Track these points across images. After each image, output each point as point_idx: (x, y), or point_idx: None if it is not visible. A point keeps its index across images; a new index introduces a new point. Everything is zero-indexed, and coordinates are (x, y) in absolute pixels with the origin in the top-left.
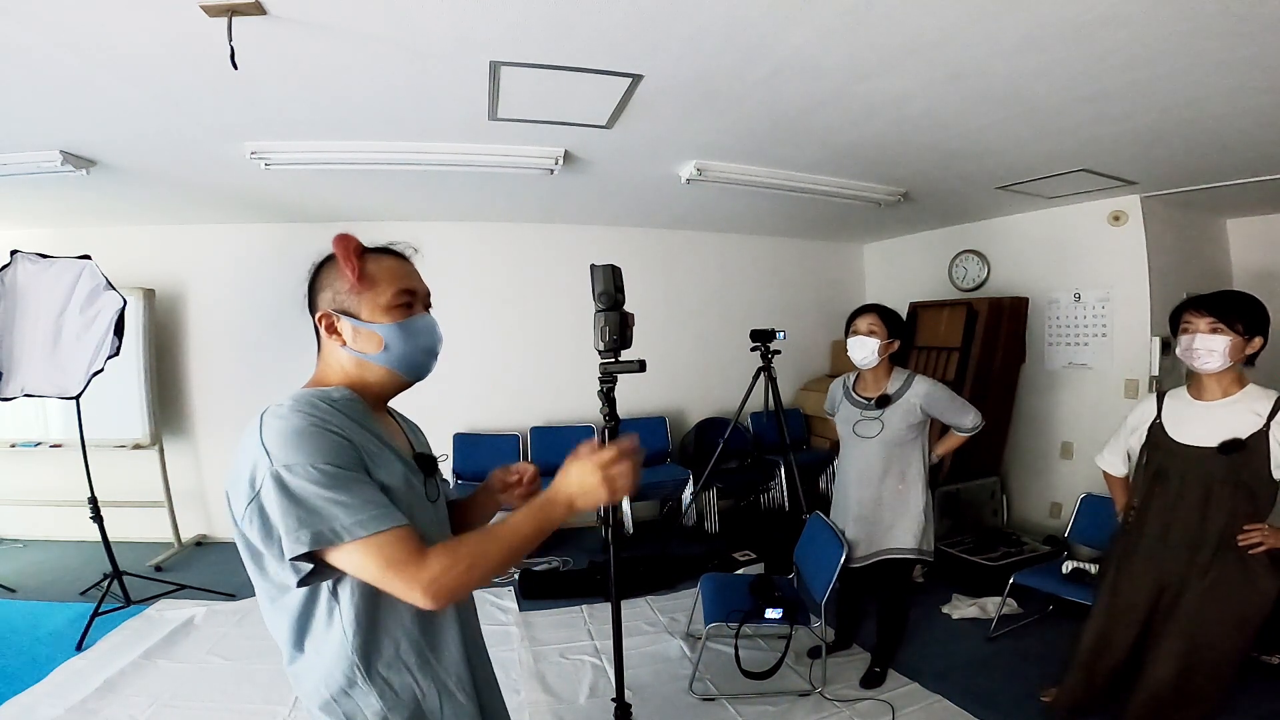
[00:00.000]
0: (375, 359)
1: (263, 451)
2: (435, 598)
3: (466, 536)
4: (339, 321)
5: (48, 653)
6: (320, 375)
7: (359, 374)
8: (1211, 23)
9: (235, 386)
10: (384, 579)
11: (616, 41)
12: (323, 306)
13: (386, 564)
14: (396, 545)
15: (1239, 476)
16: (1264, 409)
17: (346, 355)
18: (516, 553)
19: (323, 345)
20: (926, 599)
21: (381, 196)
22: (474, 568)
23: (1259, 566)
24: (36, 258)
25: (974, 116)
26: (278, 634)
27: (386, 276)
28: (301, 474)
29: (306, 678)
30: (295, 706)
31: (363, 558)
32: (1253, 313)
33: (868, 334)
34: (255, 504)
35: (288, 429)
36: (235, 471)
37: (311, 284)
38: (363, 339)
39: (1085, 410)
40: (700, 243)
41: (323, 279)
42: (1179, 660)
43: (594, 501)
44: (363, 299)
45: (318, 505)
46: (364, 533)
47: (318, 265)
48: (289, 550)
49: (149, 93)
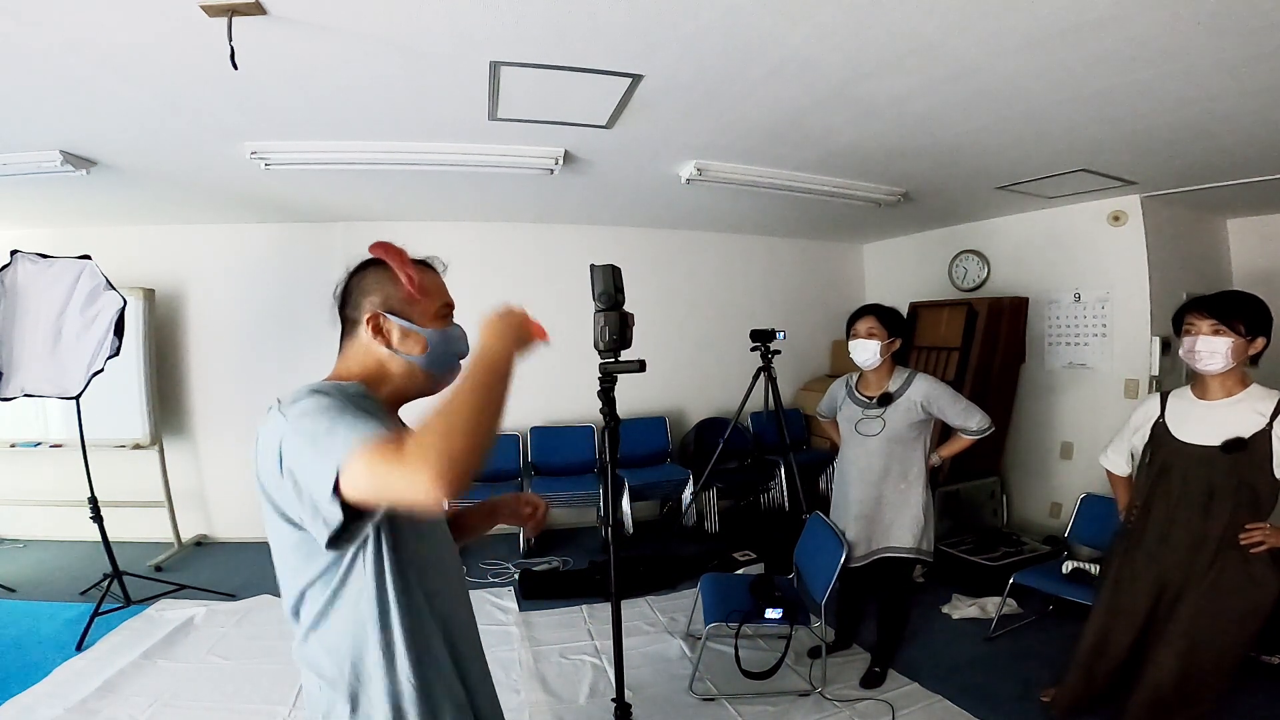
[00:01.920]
0: (417, 360)
1: (282, 419)
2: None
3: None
4: (387, 322)
5: (48, 653)
6: (340, 372)
7: (388, 372)
8: (1211, 23)
9: (235, 386)
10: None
11: (616, 41)
12: (371, 308)
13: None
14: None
15: (1241, 476)
16: (1267, 408)
17: (386, 355)
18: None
19: (353, 343)
20: (926, 599)
21: (381, 196)
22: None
23: (1260, 566)
24: (36, 258)
25: (974, 116)
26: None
27: (435, 288)
28: (315, 420)
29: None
30: (295, 706)
31: (358, 468)
32: (1255, 313)
33: (868, 336)
34: (285, 467)
35: (308, 400)
36: (263, 453)
37: (350, 285)
38: (410, 341)
39: (1085, 410)
40: (700, 243)
41: (368, 282)
42: (1180, 660)
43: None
44: (415, 306)
45: (326, 440)
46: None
47: (359, 267)
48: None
49: (149, 93)
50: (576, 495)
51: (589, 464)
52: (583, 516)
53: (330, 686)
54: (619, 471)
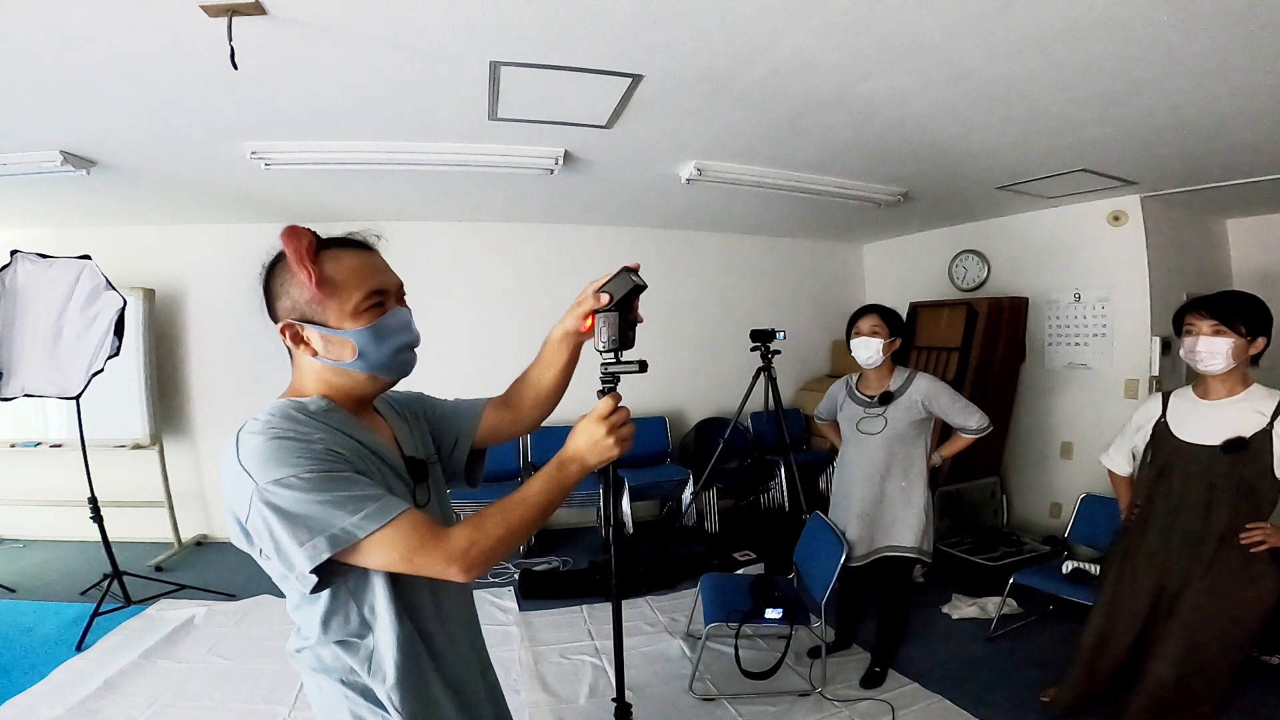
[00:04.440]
0: (352, 366)
1: (243, 473)
2: (468, 569)
3: (488, 508)
4: (304, 330)
5: (48, 653)
6: (297, 384)
7: (337, 380)
8: (1211, 23)
9: (235, 386)
10: (411, 563)
11: (616, 41)
12: (283, 316)
13: (410, 551)
14: (411, 531)
15: (1242, 475)
16: (1268, 408)
17: (319, 364)
18: (539, 517)
19: (294, 359)
20: (926, 599)
21: (381, 196)
22: (503, 538)
23: (1260, 565)
24: (36, 258)
25: (974, 116)
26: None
27: (350, 278)
28: (290, 486)
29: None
30: (295, 706)
31: (383, 549)
32: (1255, 314)
33: (871, 335)
34: (256, 524)
35: (264, 446)
36: (225, 489)
37: (266, 288)
38: (335, 346)
39: (1085, 410)
40: (700, 243)
41: (275, 285)
42: (1180, 659)
43: (603, 455)
44: (327, 305)
45: (316, 513)
46: (373, 526)
47: (269, 266)
48: (308, 563)
49: (149, 93)
50: (576, 495)
51: None
52: (583, 516)
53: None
54: (619, 471)
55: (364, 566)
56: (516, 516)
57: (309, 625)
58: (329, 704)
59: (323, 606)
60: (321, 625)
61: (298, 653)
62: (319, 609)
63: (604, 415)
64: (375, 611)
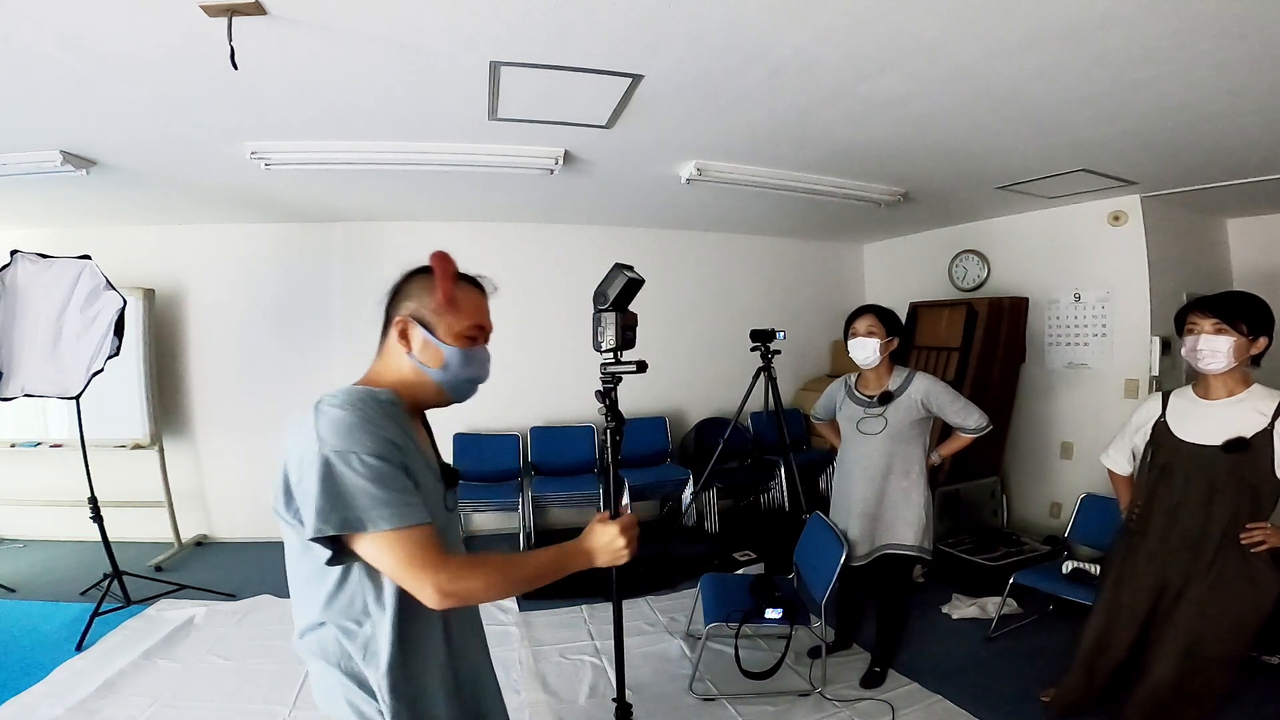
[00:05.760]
0: (431, 373)
1: (315, 436)
2: (441, 600)
3: (491, 555)
4: (413, 329)
5: (48, 653)
6: (375, 374)
7: (413, 380)
8: (1211, 23)
9: (235, 386)
10: (399, 572)
11: (616, 41)
12: (403, 312)
13: (406, 559)
14: (417, 544)
15: (1243, 475)
16: (1268, 408)
17: (407, 362)
18: (532, 583)
19: (387, 347)
20: (926, 599)
21: (381, 196)
22: (490, 586)
23: (1260, 565)
24: (36, 258)
25: (974, 116)
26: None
27: (469, 307)
28: (347, 462)
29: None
30: (295, 706)
31: (385, 549)
32: (1257, 313)
33: (867, 335)
34: (306, 482)
35: (341, 419)
36: (290, 452)
37: (397, 289)
38: (428, 353)
39: (1085, 410)
40: (700, 243)
41: (411, 288)
42: (1180, 659)
43: (612, 559)
44: (443, 319)
45: (353, 494)
46: (388, 526)
47: (409, 274)
48: (312, 529)
49: (149, 93)
50: (576, 495)
51: (589, 464)
52: (583, 516)
53: (336, 673)
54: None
55: (362, 557)
56: (510, 576)
57: (313, 605)
58: (328, 690)
59: (330, 585)
60: (325, 604)
61: (301, 637)
62: (326, 587)
63: (630, 527)
64: (381, 599)
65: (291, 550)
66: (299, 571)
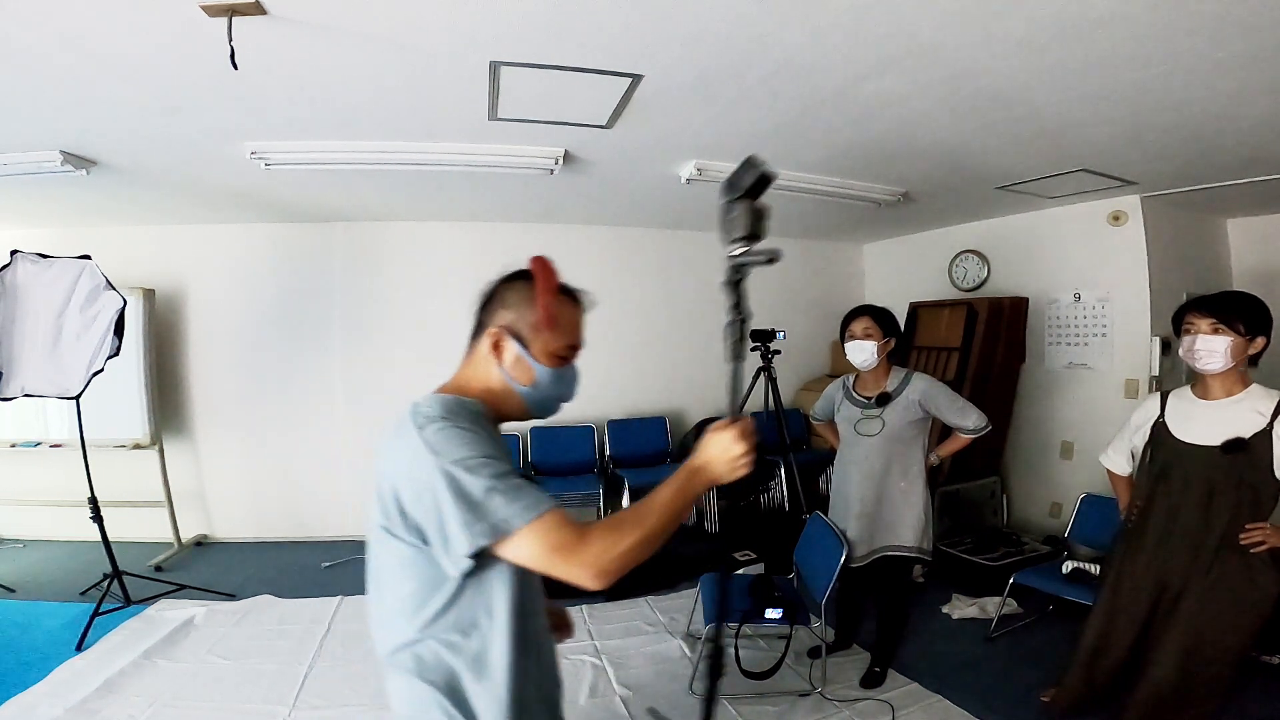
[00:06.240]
0: (520, 389)
1: (427, 450)
2: (600, 576)
3: (623, 512)
4: (506, 343)
5: (48, 653)
6: (463, 381)
7: (500, 392)
8: (1211, 23)
9: (235, 386)
10: (550, 561)
11: (616, 41)
12: (499, 322)
13: (552, 548)
14: (557, 529)
15: (1242, 476)
16: (1267, 408)
17: (496, 373)
18: (670, 525)
19: (476, 350)
20: (926, 599)
21: (381, 196)
22: (639, 543)
23: (1260, 565)
24: (36, 258)
25: (974, 116)
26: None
27: (567, 326)
28: (470, 469)
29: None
30: (295, 706)
31: (529, 544)
32: (1254, 313)
33: (864, 337)
34: (425, 502)
35: (448, 428)
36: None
37: (493, 293)
38: (519, 369)
39: (1085, 410)
40: (700, 243)
41: (509, 296)
42: (1181, 659)
43: (730, 469)
44: (539, 337)
45: (488, 498)
46: (525, 519)
47: (507, 278)
48: (468, 546)
49: (149, 93)
50: (576, 495)
51: (589, 464)
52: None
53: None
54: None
55: (505, 559)
56: (650, 524)
57: (412, 621)
58: (420, 706)
59: (441, 599)
60: (431, 619)
61: (392, 654)
62: (435, 602)
63: (749, 432)
64: (492, 610)
65: (391, 568)
66: (401, 588)
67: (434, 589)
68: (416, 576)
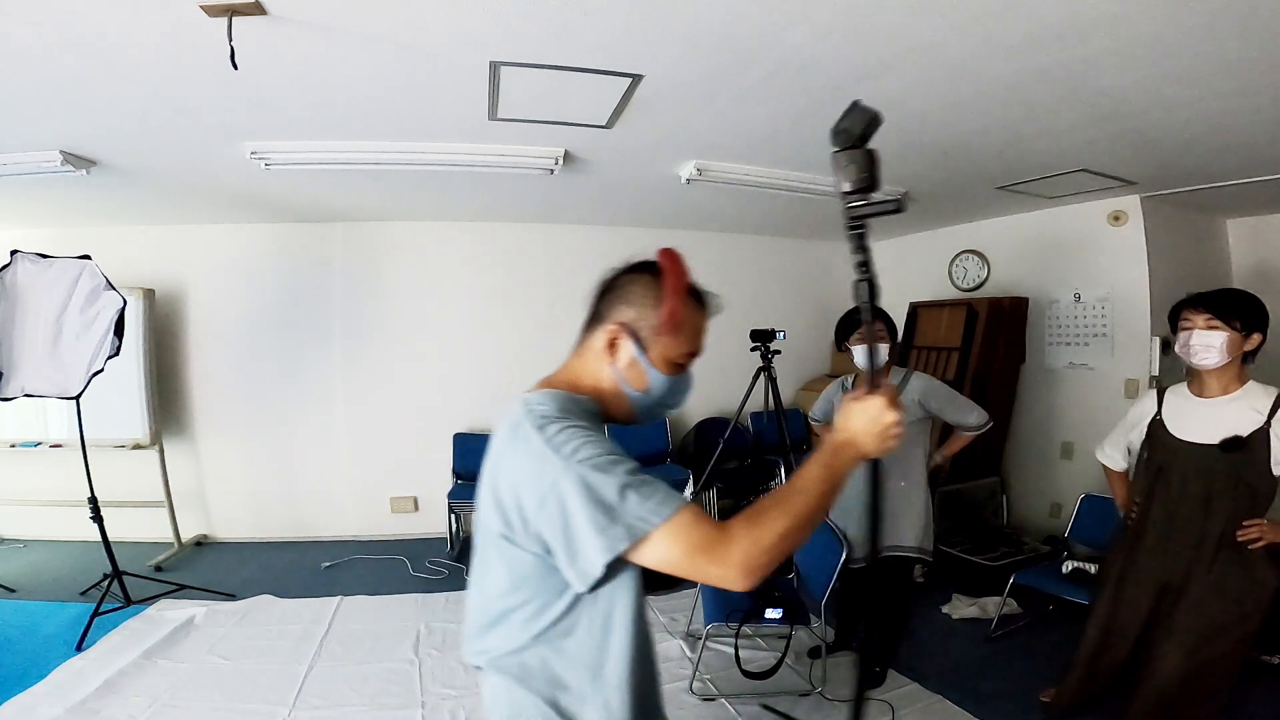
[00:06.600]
0: (631, 393)
1: (550, 451)
2: (749, 573)
3: (763, 500)
4: (623, 343)
5: (48, 653)
6: (573, 376)
7: (609, 393)
8: (1210, 23)
9: (235, 386)
10: (691, 563)
11: (616, 41)
12: (618, 318)
13: (694, 547)
14: (696, 525)
15: (1240, 474)
16: (1264, 406)
17: (608, 372)
18: (820, 509)
19: (590, 343)
20: (926, 599)
21: (381, 196)
22: (786, 534)
23: (1259, 562)
24: (36, 258)
25: (974, 116)
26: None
27: (691, 333)
28: (600, 468)
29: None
30: (295, 706)
31: (667, 544)
32: (1250, 309)
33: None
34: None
35: (569, 426)
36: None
37: (614, 283)
38: (634, 372)
39: (1085, 410)
40: (700, 243)
41: (631, 291)
42: (1183, 658)
43: (881, 440)
44: (660, 341)
45: (617, 499)
46: (661, 516)
47: (631, 269)
48: (604, 554)
49: (149, 93)
50: None
51: None
52: None
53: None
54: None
55: (639, 563)
56: (797, 509)
57: (527, 630)
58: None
59: (559, 610)
60: (546, 629)
61: (497, 660)
62: (552, 613)
63: (895, 399)
64: (611, 620)
65: (504, 575)
66: (513, 597)
67: (552, 599)
68: (532, 586)
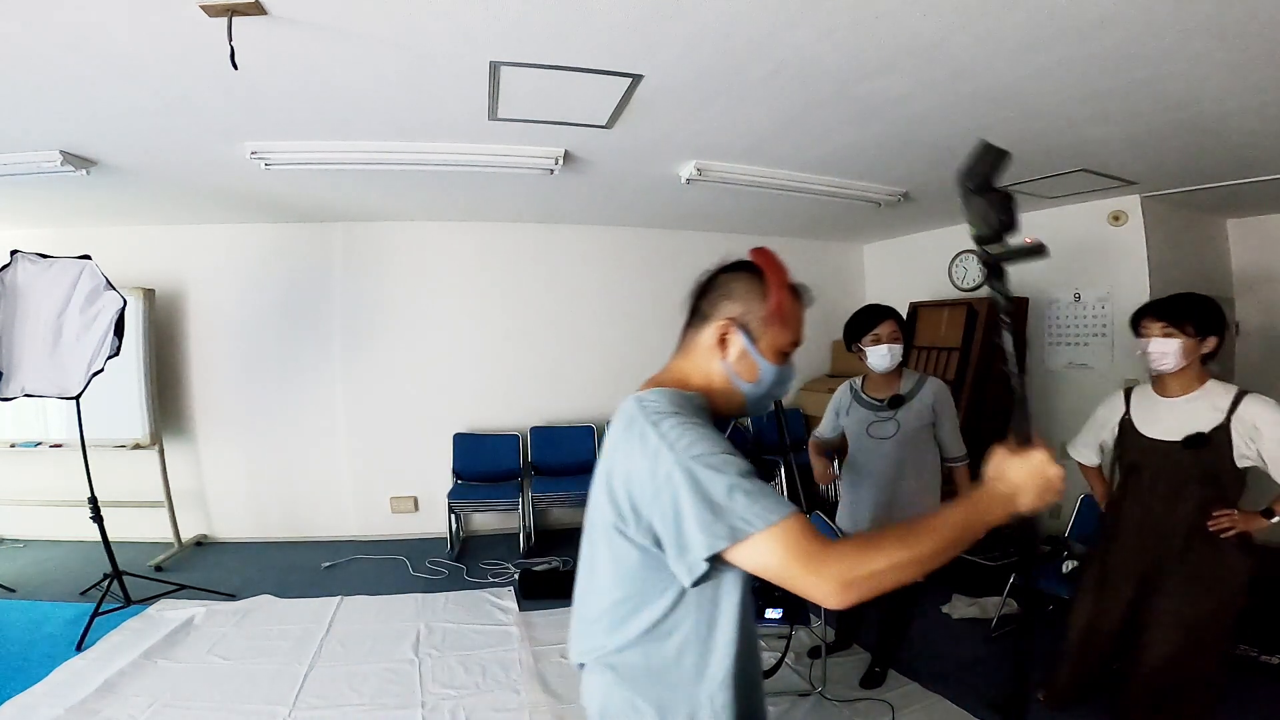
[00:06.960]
0: (743, 385)
1: (664, 445)
2: (844, 593)
3: (889, 528)
4: (734, 336)
5: (48, 653)
6: (682, 374)
7: (719, 388)
8: (1211, 23)
9: (235, 386)
10: (790, 572)
11: (616, 41)
12: (726, 314)
13: (795, 556)
14: (800, 534)
15: (1204, 468)
16: (1224, 404)
17: (718, 367)
18: (943, 555)
19: (696, 341)
20: (926, 599)
21: (381, 196)
22: (896, 566)
23: (1230, 551)
24: (36, 258)
25: (974, 116)
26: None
27: (793, 322)
28: (711, 465)
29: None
30: (295, 706)
31: (769, 549)
32: (1204, 314)
33: (892, 341)
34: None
35: (683, 422)
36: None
37: (712, 284)
38: (744, 364)
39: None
40: (700, 243)
41: (735, 287)
42: (1169, 645)
43: (1042, 495)
44: (768, 332)
45: (725, 498)
46: (768, 521)
47: (728, 268)
48: (705, 550)
49: (149, 93)
50: (576, 495)
51: (589, 464)
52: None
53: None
54: None
55: (739, 567)
56: (921, 545)
57: (630, 627)
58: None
59: (663, 608)
60: (650, 627)
61: (600, 658)
62: (655, 611)
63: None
64: (715, 622)
65: (613, 570)
66: (619, 591)
67: (656, 596)
68: (639, 581)
